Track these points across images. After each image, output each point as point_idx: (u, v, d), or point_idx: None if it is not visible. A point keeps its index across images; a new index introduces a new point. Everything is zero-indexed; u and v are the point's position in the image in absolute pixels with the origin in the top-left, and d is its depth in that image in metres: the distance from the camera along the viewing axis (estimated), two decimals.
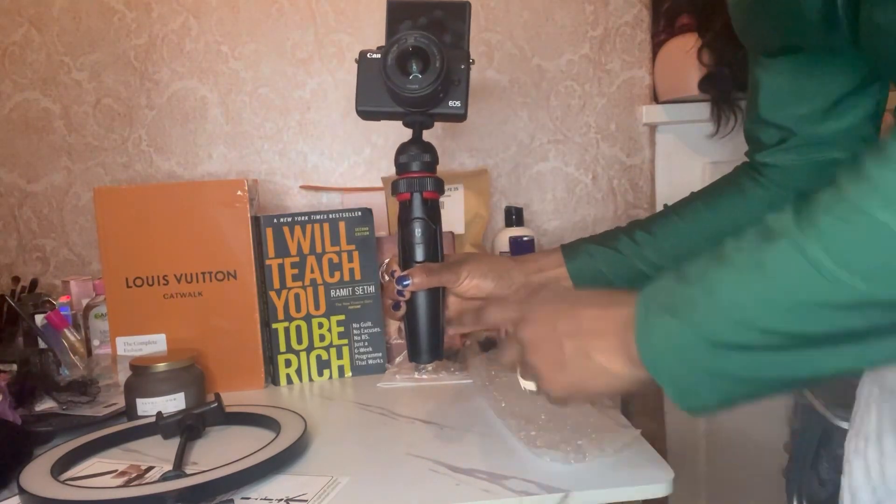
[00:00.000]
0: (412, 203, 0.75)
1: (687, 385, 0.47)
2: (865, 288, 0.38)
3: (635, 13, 1.42)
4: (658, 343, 0.47)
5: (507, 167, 1.43)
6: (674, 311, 0.46)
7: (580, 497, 0.62)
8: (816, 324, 0.41)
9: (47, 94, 1.37)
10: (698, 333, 0.45)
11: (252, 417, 0.83)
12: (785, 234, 0.41)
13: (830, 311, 0.40)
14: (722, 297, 0.44)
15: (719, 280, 0.44)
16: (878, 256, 0.38)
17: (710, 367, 0.45)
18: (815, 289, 0.40)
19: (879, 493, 0.54)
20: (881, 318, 0.40)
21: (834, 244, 0.39)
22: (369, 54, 0.75)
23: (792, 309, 0.41)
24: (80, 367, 1.03)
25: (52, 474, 0.68)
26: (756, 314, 0.42)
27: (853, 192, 0.39)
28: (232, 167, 1.40)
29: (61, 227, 1.39)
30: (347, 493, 0.64)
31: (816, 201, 0.41)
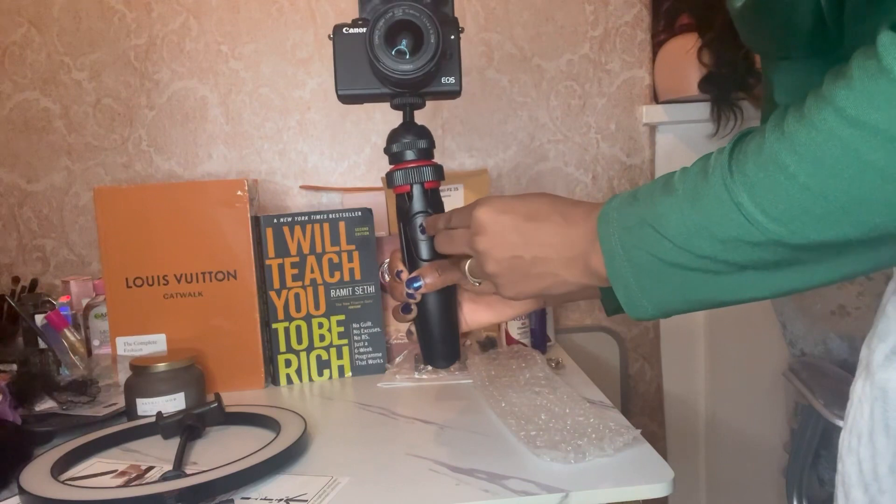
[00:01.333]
0: (412, 196, 0.68)
1: (635, 294, 0.53)
2: (776, 230, 0.44)
3: (635, 13, 1.42)
4: (617, 256, 0.53)
5: (507, 167, 1.43)
6: (628, 228, 0.52)
7: (580, 497, 0.62)
8: (739, 255, 0.47)
9: (47, 94, 1.37)
10: (648, 251, 0.50)
11: (252, 417, 0.83)
12: (719, 172, 0.46)
13: (749, 246, 0.46)
14: (666, 222, 0.49)
15: (664, 205, 0.50)
16: (787, 203, 0.43)
17: (657, 281, 0.51)
18: (737, 226, 0.45)
19: (872, 490, 0.54)
20: (790, 255, 0.45)
21: (753, 188, 0.44)
22: (346, 29, 0.67)
23: (720, 240, 0.46)
24: (80, 367, 1.03)
25: (52, 474, 0.68)
26: (692, 240, 0.48)
27: (773, 144, 0.43)
28: (232, 167, 1.40)
29: (61, 227, 1.39)
30: (347, 493, 0.64)
31: (748, 142, 0.46)
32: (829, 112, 0.40)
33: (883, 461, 0.53)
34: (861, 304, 1.28)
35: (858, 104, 0.39)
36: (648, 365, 1.47)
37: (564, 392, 0.86)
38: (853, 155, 0.39)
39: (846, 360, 1.27)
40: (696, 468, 1.53)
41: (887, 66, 0.38)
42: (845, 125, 0.39)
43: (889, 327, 0.55)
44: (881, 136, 0.38)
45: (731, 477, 1.52)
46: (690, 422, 1.51)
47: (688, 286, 0.50)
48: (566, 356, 1.09)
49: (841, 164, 0.40)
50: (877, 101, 0.38)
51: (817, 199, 0.41)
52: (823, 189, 0.41)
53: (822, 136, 0.41)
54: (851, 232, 0.42)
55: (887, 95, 0.38)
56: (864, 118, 0.39)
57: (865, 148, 0.39)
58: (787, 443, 1.31)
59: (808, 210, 0.42)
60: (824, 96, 0.41)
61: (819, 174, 0.41)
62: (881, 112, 0.38)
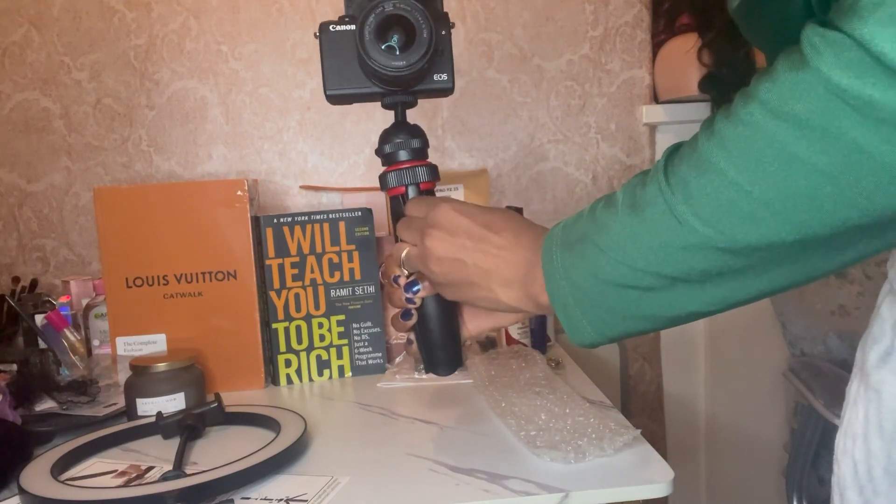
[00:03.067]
0: (407, 198, 0.66)
1: (575, 316, 0.52)
2: (705, 231, 0.43)
3: (635, 13, 1.42)
4: (557, 275, 0.52)
5: (507, 167, 1.43)
6: (570, 246, 0.51)
7: (580, 497, 0.62)
8: (671, 264, 0.45)
9: (47, 94, 1.37)
10: (587, 268, 0.50)
11: (252, 417, 0.83)
12: (654, 178, 0.46)
13: (680, 251, 0.44)
14: (606, 234, 0.48)
15: (604, 218, 0.49)
16: (716, 201, 0.42)
17: (595, 301, 0.50)
18: (669, 230, 0.44)
19: (867, 492, 0.54)
20: (720, 262, 0.44)
21: (686, 190, 0.43)
22: (333, 26, 0.64)
23: (656, 250, 0.45)
24: (80, 367, 1.03)
25: (52, 474, 0.68)
26: (628, 251, 0.47)
27: (703, 143, 0.43)
28: (232, 167, 1.40)
29: (61, 227, 1.39)
30: (347, 493, 0.64)
31: (682, 150, 0.45)
32: (754, 106, 0.40)
33: (878, 463, 0.53)
34: (861, 304, 1.28)
35: (781, 96, 0.38)
36: (648, 365, 1.47)
37: (564, 392, 0.86)
38: (778, 147, 0.39)
39: (846, 360, 1.27)
40: (696, 468, 1.53)
41: (808, 57, 0.37)
42: (769, 117, 0.39)
43: (883, 329, 0.55)
44: (804, 127, 0.38)
45: (731, 477, 1.52)
46: (690, 422, 1.51)
47: (625, 304, 0.49)
48: (566, 356, 1.09)
49: (767, 157, 0.39)
50: (798, 91, 0.38)
51: (744, 196, 0.41)
52: (750, 184, 0.40)
53: (748, 129, 0.40)
54: (777, 231, 0.41)
55: (808, 86, 0.37)
56: (786, 109, 0.38)
57: (789, 139, 0.38)
58: (787, 443, 1.31)
59: (736, 207, 0.41)
60: (750, 92, 0.41)
61: (746, 168, 0.40)
62: (802, 103, 0.38)
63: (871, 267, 1.29)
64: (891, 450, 0.52)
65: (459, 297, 0.61)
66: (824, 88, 0.37)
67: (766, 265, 0.44)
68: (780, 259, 0.43)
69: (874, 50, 0.35)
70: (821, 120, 0.37)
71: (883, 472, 0.53)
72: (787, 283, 0.46)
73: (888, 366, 0.53)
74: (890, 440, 0.52)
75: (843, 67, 0.36)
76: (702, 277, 0.45)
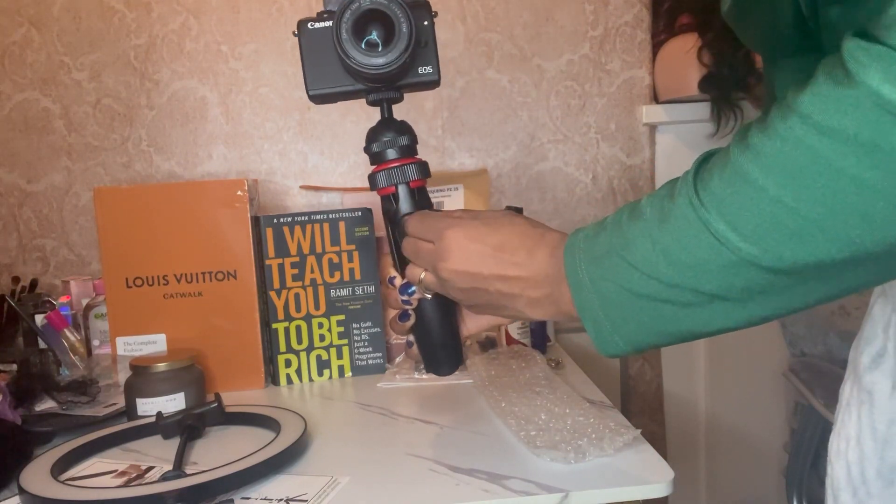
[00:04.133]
0: (398, 197, 0.65)
1: (605, 329, 0.51)
2: (748, 249, 0.42)
3: (635, 13, 1.42)
4: (585, 289, 0.51)
5: (507, 167, 1.43)
6: (597, 260, 0.50)
7: (580, 497, 0.62)
8: (708, 281, 0.44)
9: (47, 94, 1.37)
10: (616, 282, 0.49)
11: (252, 417, 0.83)
12: (684, 192, 0.45)
13: (720, 269, 0.43)
14: (634, 249, 0.47)
15: (631, 232, 0.48)
16: (758, 218, 0.41)
17: (624, 315, 0.49)
18: (707, 246, 0.43)
19: (860, 494, 0.54)
20: (762, 280, 0.43)
21: (721, 205, 0.42)
22: (311, 24, 0.61)
23: (689, 264, 0.44)
24: (80, 367, 1.03)
25: (52, 474, 0.68)
26: (660, 267, 0.46)
27: (738, 157, 0.42)
28: (232, 167, 1.40)
29: (61, 227, 1.39)
30: (347, 493, 0.64)
31: (713, 162, 0.44)
32: (794, 120, 0.39)
33: (871, 465, 0.53)
34: (861, 304, 1.28)
35: (826, 111, 0.38)
36: (648, 365, 1.47)
37: (564, 392, 0.86)
38: (823, 163, 0.38)
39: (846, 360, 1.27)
40: (696, 468, 1.53)
41: (853, 72, 0.37)
42: (813, 132, 0.38)
43: (875, 330, 0.54)
44: (851, 143, 0.37)
45: (731, 477, 1.52)
46: (690, 422, 1.51)
47: (658, 319, 0.48)
48: (566, 356, 1.09)
49: (811, 173, 0.39)
50: (844, 106, 0.37)
51: (790, 213, 0.40)
52: (795, 200, 0.39)
53: (789, 145, 0.39)
54: (827, 248, 0.40)
55: (855, 101, 0.37)
56: (832, 124, 0.38)
57: (836, 155, 0.38)
58: (787, 443, 1.31)
59: (781, 224, 0.40)
60: (789, 105, 0.40)
61: (790, 185, 0.39)
62: (849, 118, 0.37)
63: None
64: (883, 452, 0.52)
65: (490, 318, 0.62)
66: (873, 103, 0.36)
67: (811, 282, 0.43)
68: (826, 276, 0.42)
69: None
70: (871, 135, 0.36)
71: (876, 474, 0.53)
72: (828, 298, 0.45)
73: (880, 367, 0.53)
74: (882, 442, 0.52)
75: (892, 82, 0.35)
76: (742, 295, 0.45)
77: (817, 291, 0.44)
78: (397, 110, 0.70)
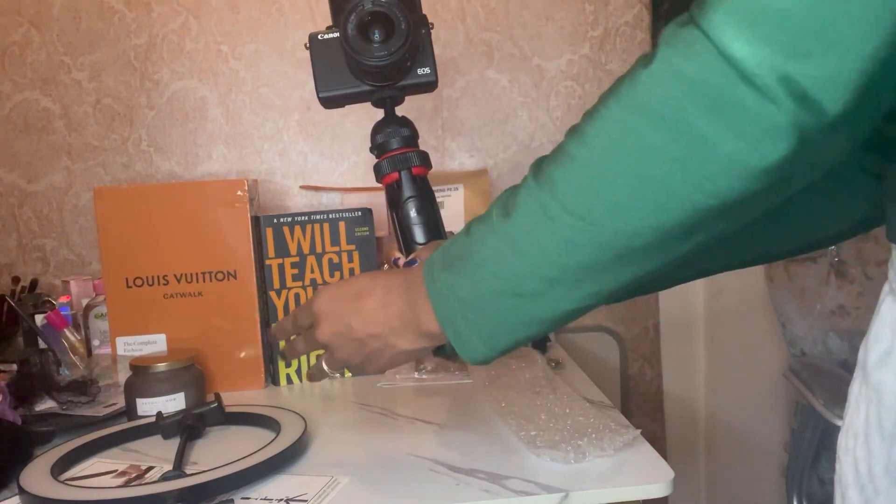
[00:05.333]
0: (401, 182, 0.70)
1: (464, 333, 0.52)
2: (579, 224, 0.45)
3: (635, 13, 1.42)
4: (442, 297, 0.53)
5: (507, 167, 1.43)
6: (450, 265, 0.52)
7: (580, 497, 0.62)
8: (553, 265, 0.47)
9: (47, 94, 1.37)
10: (471, 285, 0.51)
11: (252, 417, 0.83)
12: (524, 185, 0.48)
13: (556, 249, 0.46)
14: (483, 247, 0.50)
15: (479, 233, 0.51)
16: (584, 194, 0.44)
17: (483, 314, 0.51)
18: (546, 230, 0.46)
19: (867, 491, 0.54)
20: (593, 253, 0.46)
21: (553, 186, 0.46)
22: (321, 35, 0.70)
23: (532, 252, 0.47)
24: (80, 367, 1.03)
25: (52, 474, 0.68)
26: (508, 260, 0.48)
27: (569, 143, 0.46)
28: (232, 167, 1.40)
29: (61, 227, 1.39)
30: (347, 493, 0.64)
31: (548, 156, 0.48)
32: (611, 101, 0.43)
33: (878, 462, 0.53)
34: (861, 304, 1.28)
35: (635, 90, 0.41)
36: (648, 365, 1.47)
37: (564, 392, 0.86)
38: (635, 138, 0.41)
39: (846, 360, 1.27)
40: (696, 468, 1.53)
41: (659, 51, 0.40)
42: (627, 111, 0.42)
43: (883, 329, 0.55)
44: (656, 118, 0.40)
45: (731, 477, 1.52)
46: (690, 422, 1.51)
47: (511, 313, 0.50)
48: (566, 356, 1.09)
49: (626, 147, 0.42)
50: (647, 83, 0.40)
51: (608, 185, 0.43)
52: (613, 172, 0.43)
53: (607, 123, 0.43)
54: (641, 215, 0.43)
55: (654, 78, 0.40)
56: (641, 102, 0.41)
57: (645, 130, 0.41)
58: (787, 443, 1.31)
59: (601, 196, 0.44)
60: (610, 90, 0.44)
61: (607, 159, 0.43)
62: (651, 95, 0.40)
63: (871, 267, 1.29)
64: (891, 449, 0.53)
65: (379, 368, 0.63)
66: (671, 78, 0.39)
67: (632, 254, 0.46)
68: (643, 247, 0.45)
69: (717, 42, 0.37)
70: (671, 110, 0.40)
71: (883, 472, 0.53)
72: (652, 271, 0.47)
73: (888, 366, 0.53)
74: (890, 440, 0.53)
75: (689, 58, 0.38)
76: (577, 275, 0.47)
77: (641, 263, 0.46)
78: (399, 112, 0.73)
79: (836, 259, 1.31)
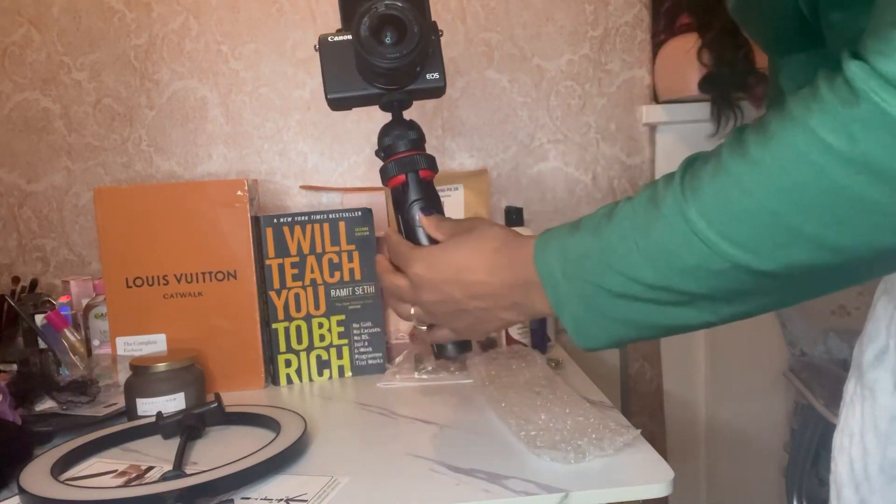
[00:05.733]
0: (408, 185, 0.69)
1: (584, 326, 0.52)
2: (740, 256, 0.42)
3: (635, 13, 1.42)
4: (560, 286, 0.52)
5: (507, 167, 1.43)
6: (572, 261, 0.51)
7: (580, 497, 0.62)
8: (696, 284, 0.45)
9: (47, 94, 1.36)
10: (594, 282, 0.50)
11: (252, 417, 0.83)
12: (671, 198, 0.45)
13: (710, 274, 0.44)
14: (614, 254, 0.48)
15: (611, 236, 0.49)
16: (752, 228, 0.41)
17: (604, 311, 0.50)
18: (694, 253, 0.44)
19: (863, 490, 0.54)
20: (750, 282, 0.43)
21: (714, 214, 0.42)
22: (331, 38, 0.70)
23: (677, 270, 0.45)
24: (80, 367, 1.03)
25: (52, 474, 0.68)
26: (644, 272, 0.47)
27: (733, 166, 0.42)
28: (232, 167, 1.40)
29: (61, 227, 1.39)
30: (347, 493, 0.64)
31: (702, 169, 0.44)
32: (798, 134, 0.39)
33: (873, 461, 0.53)
34: (861, 304, 1.28)
35: (835, 129, 0.38)
36: (648, 365, 1.47)
37: (564, 392, 0.86)
38: (827, 180, 0.38)
39: (846, 360, 1.27)
40: (696, 468, 1.52)
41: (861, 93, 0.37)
42: (818, 149, 0.38)
43: (878, 328, 0.55)
44: (859, 163, 0.37)
45: (731, 477, 1.52)
46: (690, 422, 1.51)
47: (638, 316, 0.49)
48: (566, 356, 1.09)
49: (814, 188, 0.39)
50: (851, 127, 0.37)
51: (786, 225, 0.40)
52: (793, 213, 0.40)
53: (790, 159, 0.39)
54: (821, 256, 0.40)
55: (864, 122, 0.37)
56: (839, 143, 0.38)
57: (842, 173, 0.38)
58: (787, 443, 1.31)
59: (777, 235, 0.41)
60: (793, 117, 0.40)
61: (789, 198, 0.40)
62: (858, 138, 0.37)
63: None
64: (885, 448, 0.53)
65: (480, 334, 0.64)
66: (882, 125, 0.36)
67: (800, 282, 0.43)
68: (816, 277, 0.43)
69: None
70: (880, 156, 0.37)
71: (878, 470, 0.53)
72: (816, 295, 0.46)
73: (882, 365, 0.53)
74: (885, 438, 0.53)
75: None
76: (730, 296, 0.45)
77: (806, 290, 0.45)
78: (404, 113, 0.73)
79: None
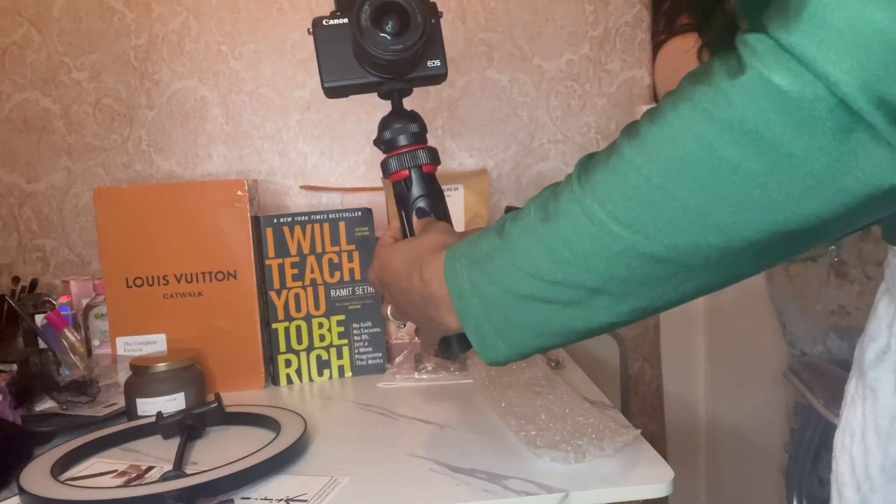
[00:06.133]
0: (411, 180, 0.67)
1: (488, 334, 0.50)
2: (629, 236, 0.41)
3: (635, 13, 1.42)
4: (465, 294, 0.51)
5: (507, 167, 1.43)
6: (478, 263, 0.50)
7: (580, 497, 0.62)
8: (587, 275, 0.44)
9: (47, 94, 1.37)
10: (499, 284, 0.48)
11: (252, 417, 0.83)
12: (568, 187, 0.45)
13: (599, 261, 0.43)
14: (517, 249, 0.47)
15: (514, 233, 0.48)
16: (641, 206, 0.41)
17: (507, 315, 0.49)
18: (590, 238, 0.43)
19: (864, 489, 0.54)
20: (640, 269, 0.43)
21: (606, 195, 0.42)
22: (326, 21, 0.66)
23: (572, 259, 0.44)
24: (80, 367, 1.03)
25: (52, 474, 0.68)
26: (543, 264, 0.46)
27: (623, 147, 0.42)
28: (232, 167, 1.40)
29: (61, 227, 1.39)
30: (347, 493, 0.64)
31: (598, 156, 0.44)
32: (684, 107, 0.39)
33: (874, 460, 0.53)
34: (861, 304, 1.28)
35: (716, 98, 0.38)
36: (648, 365, 1.47)
37: (564, 392, 0.86)
38: (708, 150, 0.38)
39: (846, 360, 1.27)
40: (696, 468, 1.52)
41: (745, 60, 0.37)
42: (701, 119, 0.38)
43: (879, 328, 0.55)
44: (736, 130, 0.37)
45: (731, 477, 1.52)
46: (690, 422, 1.51)
47: (541, 320, 0.48)
48: (566, 356, 1.09)
49: (695, 159, 0.38)
50: (732, 95, 0.37)
51: (671, 199, 0.40)
52: (677, 187, 0.39)
53: (676, 131, 0.39)
54: (704, 234, 0.40)
55: (744, 90, 0.37)
56: (721, 112, 0.37)
57: (721, 142, 0.37)
58: (787, 443, 1.31)
59: (663, 211, 0.40)
60: (682, 93, 0.40)
61: (672, 171, 0.39)
62: (736, 107, 0.37)
63: (870, 267, 1.29)
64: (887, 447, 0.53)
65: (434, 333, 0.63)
66: (761, 91, 0.36)
67: (689, 271, 0.42)
68: (703, 264, 0.42)
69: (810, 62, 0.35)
70: (755, 122, 0.36)
71: (879, 469, 0.53)
72: (708, 289, 0.44)
73: (884, 364, 0.53)
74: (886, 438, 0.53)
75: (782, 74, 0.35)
76: (623, 287, 0.44)
77: (697, 282, 0.44)
78: None
79: (835, 259, 1.31)
